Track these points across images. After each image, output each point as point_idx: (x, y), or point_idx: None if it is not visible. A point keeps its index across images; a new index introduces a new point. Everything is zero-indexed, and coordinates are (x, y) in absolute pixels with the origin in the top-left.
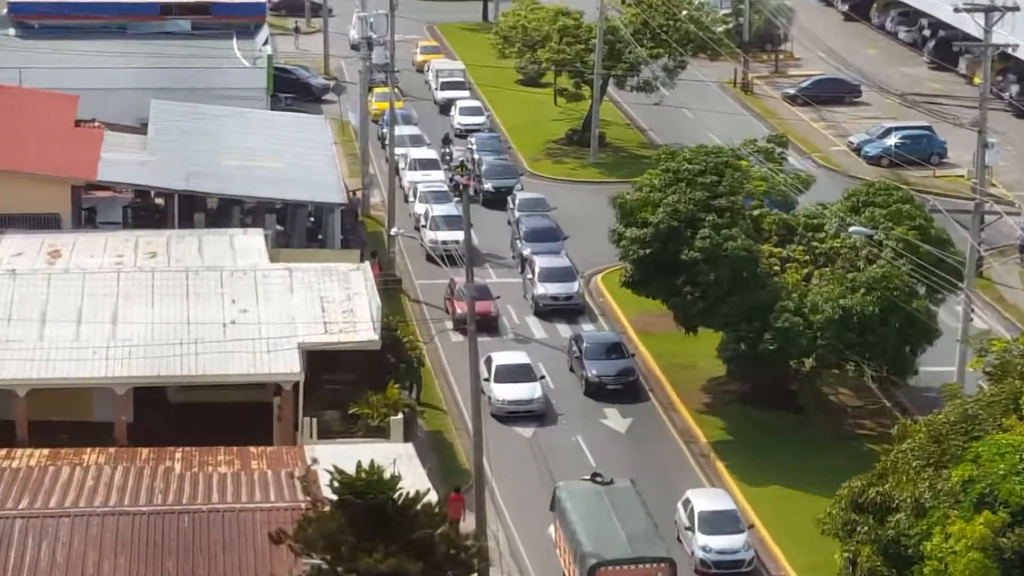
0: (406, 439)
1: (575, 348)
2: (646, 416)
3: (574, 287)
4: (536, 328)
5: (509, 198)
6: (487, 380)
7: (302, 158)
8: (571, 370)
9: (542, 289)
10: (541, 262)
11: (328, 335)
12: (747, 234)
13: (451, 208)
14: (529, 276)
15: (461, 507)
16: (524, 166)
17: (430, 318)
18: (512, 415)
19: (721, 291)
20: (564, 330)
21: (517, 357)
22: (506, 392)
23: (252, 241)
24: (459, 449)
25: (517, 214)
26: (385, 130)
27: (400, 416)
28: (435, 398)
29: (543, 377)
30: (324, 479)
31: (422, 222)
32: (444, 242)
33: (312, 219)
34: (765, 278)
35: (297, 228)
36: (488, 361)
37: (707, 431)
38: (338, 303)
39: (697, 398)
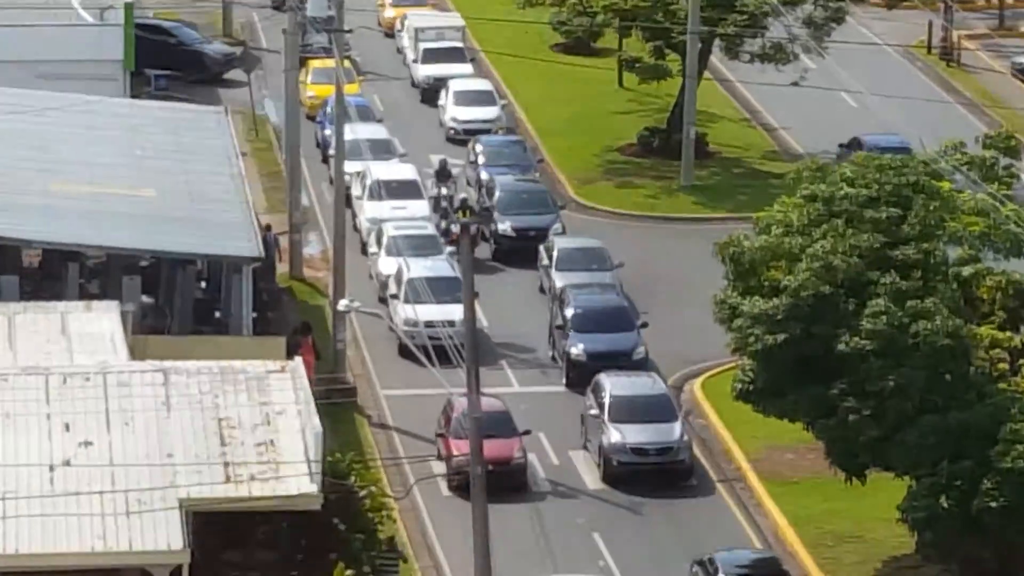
0: None
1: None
2: None
3: (675, 431)
4: (597, 491)
5: (542, 248)
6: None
7: (187, 181)
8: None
9: (617, 435)
10: (613, 385)
11: (232, 486)
12: (952, 308)
13: (440, 265)
14: (591, 408)
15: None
16: (567, 192)
17: (406, 457)
18: None
19: (908, 406)
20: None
21: None
22: None
23: (100, 323)
24: None
25: (557, 279)
26: (329, 132)
27: None
28: None
29: None
30: None
31: (391, 289)
32: (429, 324)
33: (204, 284)
34: (983, 383)
35: (179, 301)
36: None
37: None
38: (249, 430)
39: None
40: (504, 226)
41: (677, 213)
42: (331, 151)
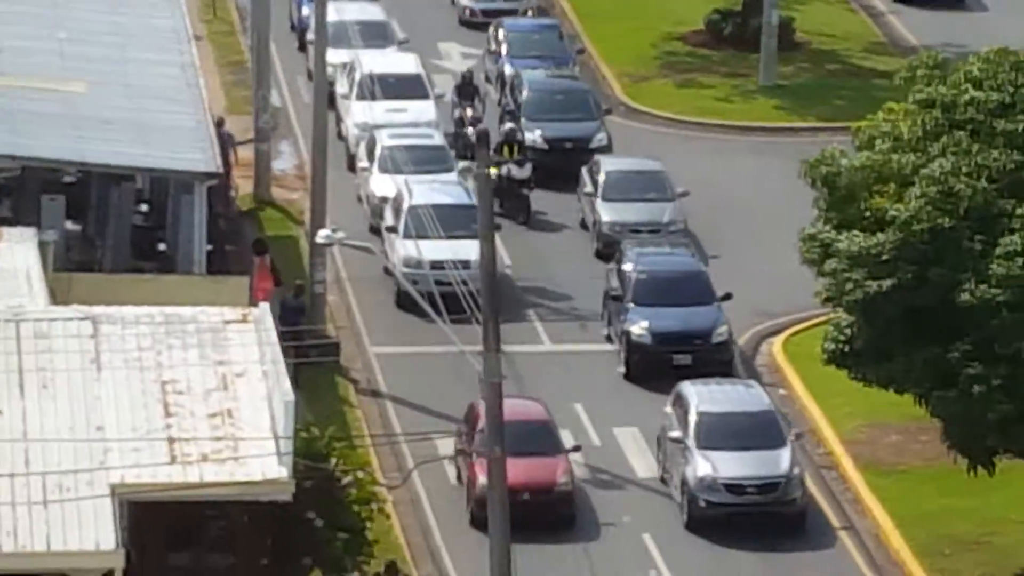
0: None
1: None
2: None
3: (783, 461)
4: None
5: (584, 170)
6: None
7: (125, 73)
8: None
9: (706, 467)
10: (700, 398)
11: (179, 468)
12: None
13: (452, 189)
14: (670, 428)
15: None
16: (614, 92)
17: (403, 433)
18: None
19: None
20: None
21: None
22: None
23: (12, 256)
24: None
25: (604, 211)
26: (307, 11)
27: None
28: None
29: None
30: None
31: (388, 220)
32: (436, 265)
33: (145, 207)
34: None
35: (113, 228)
36: None
37: None
38: (201, 397)
39: None
40: (533, 135)
41: (754, 121)
42: (310, 35)
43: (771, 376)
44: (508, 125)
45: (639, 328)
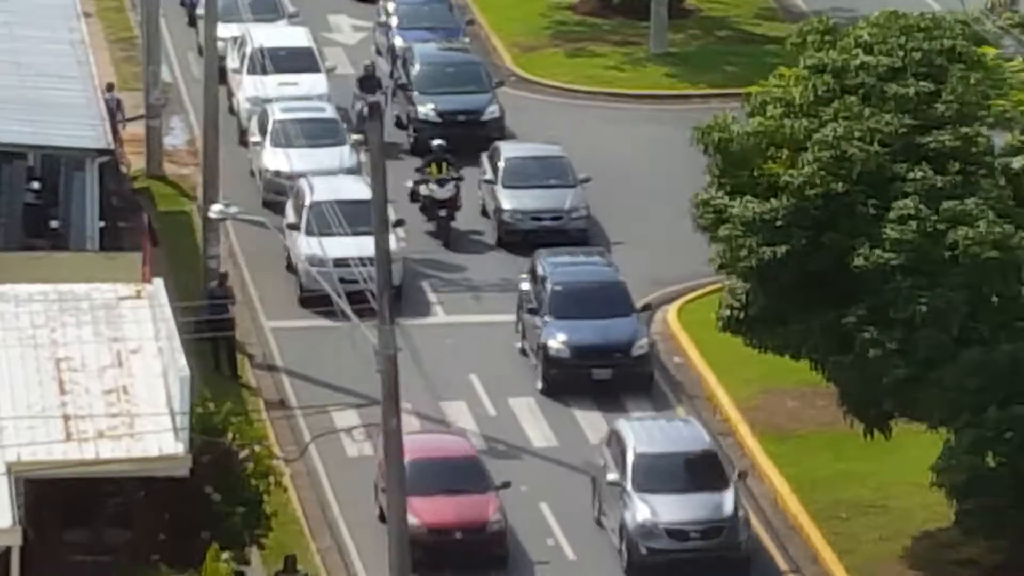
0: None
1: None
2: None
3: (726, 504)
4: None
5: (484, 157)
6: None
7: (13, 50)
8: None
9: (645, 511)
10: (637, 438)
11: (75, 445)
12: (999, 210)
13: (352, 187)
14: (606, 470)
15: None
16: (505, 63)
17: (299, 407)
18: None
19: (944, 338)
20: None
21: None
22: None
23: None
24: None
25: (505, 199)
26: None
27: None
28: None
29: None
30: None
31: (289, 218)
32: (341, 262)
33: (37, 185)
34: None
35: (4, 205)
36: None
37: None
38: (96, 374)
39: None
40: (425, 109)
41: (646, 89)
42: (200, 10)
43: (666, 344)
44: (437, 142)
45: (556, 341)
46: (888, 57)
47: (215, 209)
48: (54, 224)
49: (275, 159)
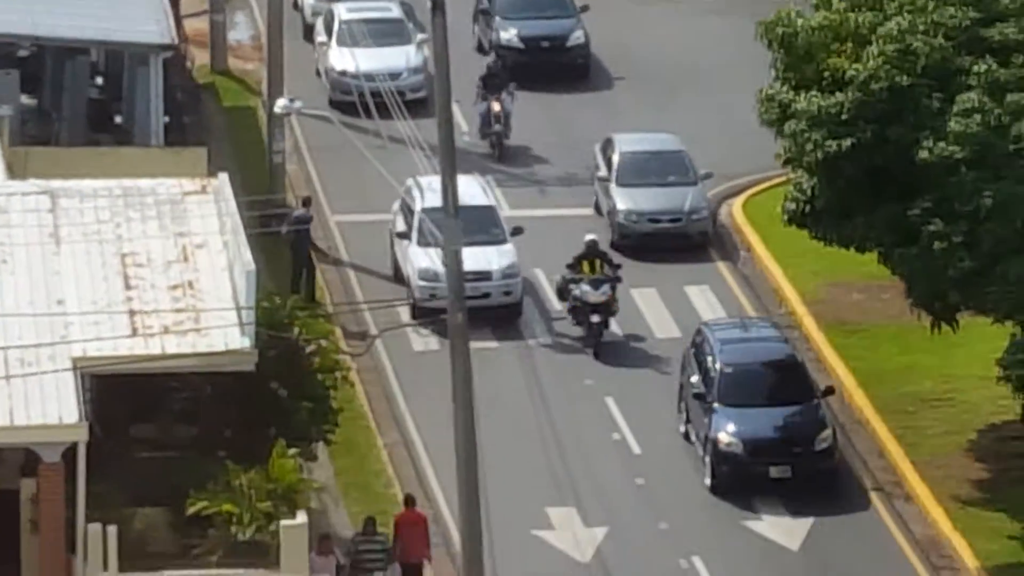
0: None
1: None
2: (844, 511)
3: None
4: None
5: (598, 149)
6: None
7: None
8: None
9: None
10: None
11: (141, 340)
12: None
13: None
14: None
15: None
16: None
17: (365, 301)
18: None
19: (1009, 231)
20: None
21: None
22: None
23: None
24: None
25: (619, 198)
26: None
27: (301, 521)
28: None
29: None
30: None
31: (398, 226)
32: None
33: (101, 80)
34: None
35: (68, 101)
36: None
37: (981, 545)
38: (161, 269)
39: (960, 470)
40: (508, 34)
41: None
42: None
43: (732, 238)
44: (590, 236)
45: (727, 434)
46: None
47: (280, 104)
48: (118, 119)
49: (341, 59)
